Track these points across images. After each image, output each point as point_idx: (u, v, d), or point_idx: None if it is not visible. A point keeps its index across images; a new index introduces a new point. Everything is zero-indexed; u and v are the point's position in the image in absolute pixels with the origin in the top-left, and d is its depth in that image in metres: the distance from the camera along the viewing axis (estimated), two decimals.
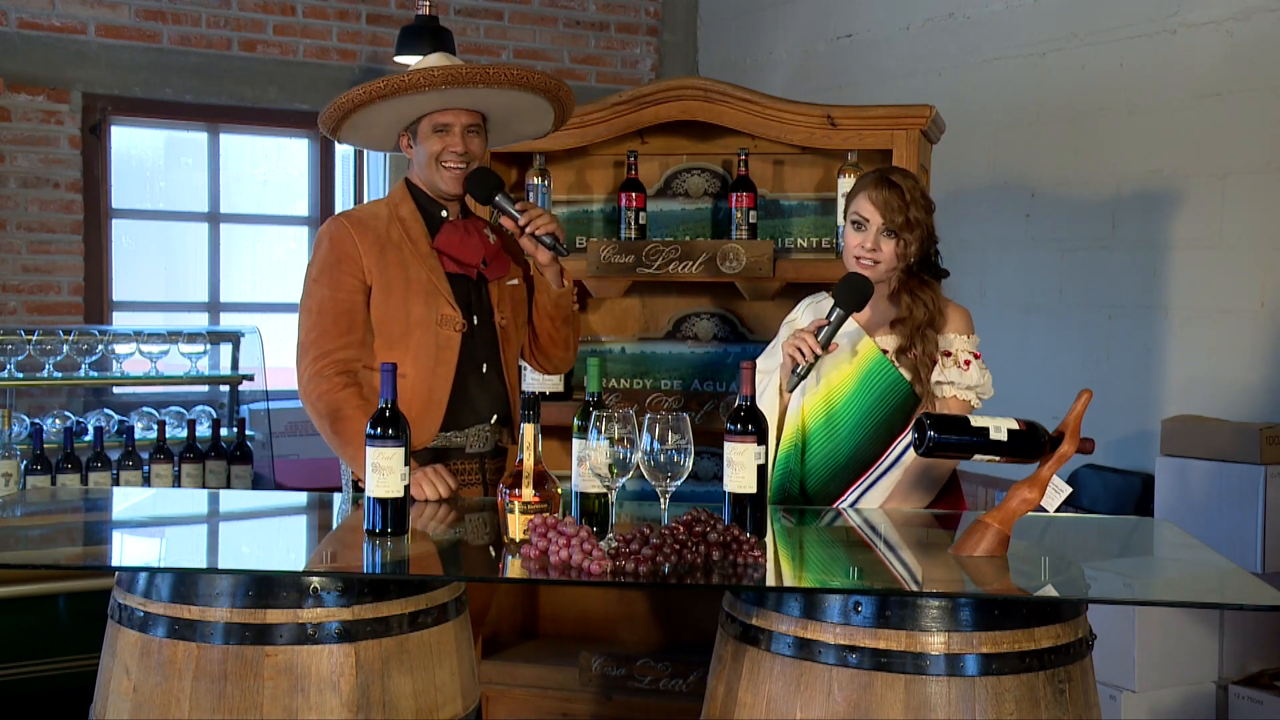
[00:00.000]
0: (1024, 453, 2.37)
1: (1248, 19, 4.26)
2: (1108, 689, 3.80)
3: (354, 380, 2.97)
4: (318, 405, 2.95)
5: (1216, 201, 4.36)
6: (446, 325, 3.01)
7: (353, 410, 2.92)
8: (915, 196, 2.88)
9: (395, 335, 3.00)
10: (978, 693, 2.14)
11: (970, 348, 2.92)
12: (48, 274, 5.61)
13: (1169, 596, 2.53)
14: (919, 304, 2.90)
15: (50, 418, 4.59)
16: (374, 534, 2.47)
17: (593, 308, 4.04)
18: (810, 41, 6.13)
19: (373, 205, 3.15)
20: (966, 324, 2.95)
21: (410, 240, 3.03)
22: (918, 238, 2.88)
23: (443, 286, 3.03)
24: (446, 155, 3.01)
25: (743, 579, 2.24)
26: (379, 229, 3.03)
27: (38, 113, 5.56)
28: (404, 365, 2.96)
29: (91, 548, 2.73)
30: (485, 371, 3.09)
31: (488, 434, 3.12)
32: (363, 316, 3.00)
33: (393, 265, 3.00)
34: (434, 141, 3.01)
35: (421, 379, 2.99)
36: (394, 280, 3.00)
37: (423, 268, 3.02)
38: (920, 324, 2.89)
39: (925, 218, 2.90)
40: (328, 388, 2.94)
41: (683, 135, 3.90)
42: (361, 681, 2.30)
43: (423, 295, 3.00)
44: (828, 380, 2.94)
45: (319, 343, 2.97)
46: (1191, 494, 4.02)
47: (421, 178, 3.09)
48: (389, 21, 6.20)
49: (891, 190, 2.87)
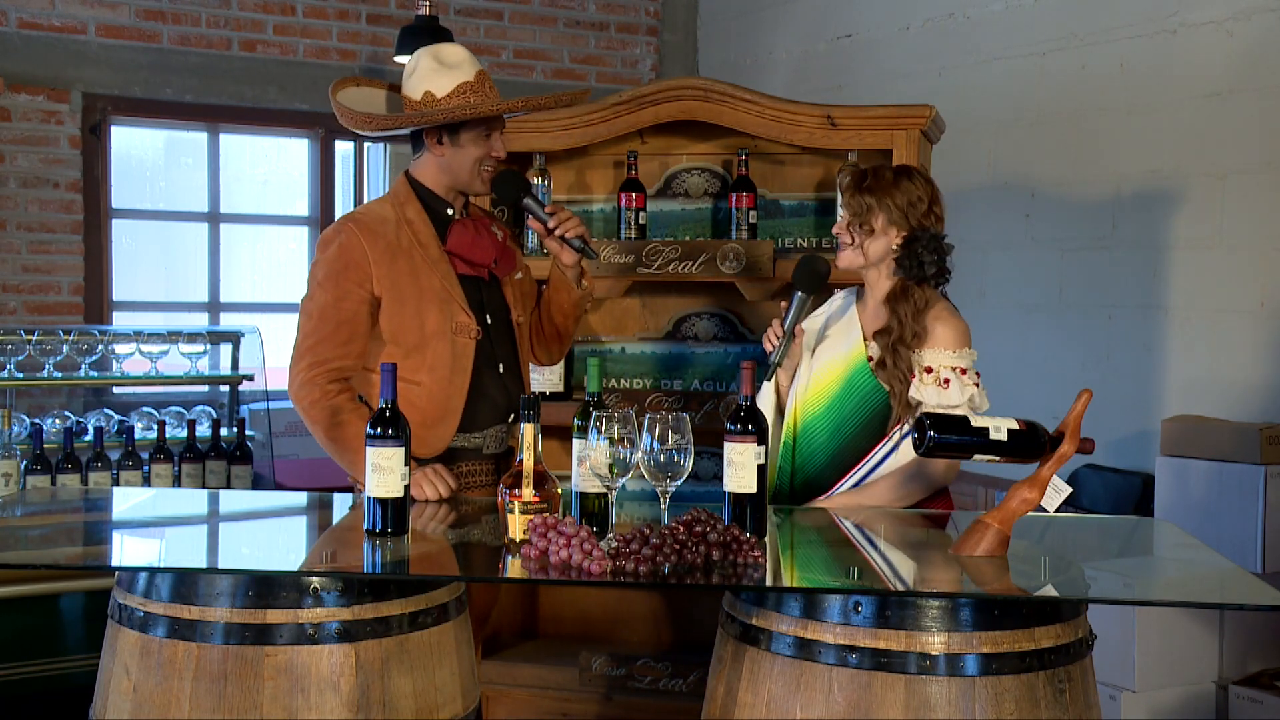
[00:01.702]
0: (1024, 453, 2.37)
1: (1248, 19, 4.26)
2: (1108, 689, 3.80)
3: (347, 386, 2.94)
4: (311, 412, 2.93)
5: (1216, 201, 4.36)
6: (462, 333, 2.99)
7: (349, 415, 2.90)
8: (885, 177, 2.86)
9: (410, 345, 2.96)
10: (978, 693, 2.14)
11: (956, 363, 2.82)
12: (48, 274, 5.61)
13: (1169, 596, 2.53)
14: (894, 317, 2.86)
15: (50, 418, 4.59)
16: (374, 534, 2.47)
17: (593, 308, 4.04)
18: (810, 41, 6.13)
19: (377, 207, 3.08)
20: (956, 339, 2.85)
21: (420, 245, 3.00)
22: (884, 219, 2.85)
23: (456, 293, 3.00)
24: (490, 161, 3.04)
25: (743, 579, 2.24)
26: (389, 235, 2.98)
27: (38, 113, 5.56)
28: (420, 374, 2.95)
29: (91, 548, 2.73)
30: (502, 371, 3.09)
31: (503, 434, 3.12)
32: (365, 327, 2.95)
33: (404, 274, 2.97)
34: (481, 146, 3.01)
35: (439, 388, 2.97)
36: (406, 290, 2.96)
37: (434, 274, 2.99)
38: (893, 339, 2.84)
39: (901, 203, 2.85)
40: (320, 395, 2.91)
41: (683, 135, 3.90)
42: (361, 681, 2.30)
43: (437, 304, 2.98)
44: (817, 378, 2.95)
45: (315, 349, 2.93)
46: (1191, 494, 4.02)
47: (442, 176, 3.06)
48: (389, 21, 6.20)
49: (862, 177, 2.87)
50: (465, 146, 3.01)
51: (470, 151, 3.02)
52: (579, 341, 4.00)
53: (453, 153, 3.03)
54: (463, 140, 3.01)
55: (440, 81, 2.97)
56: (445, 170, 3.05)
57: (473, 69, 2.99)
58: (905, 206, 2.86)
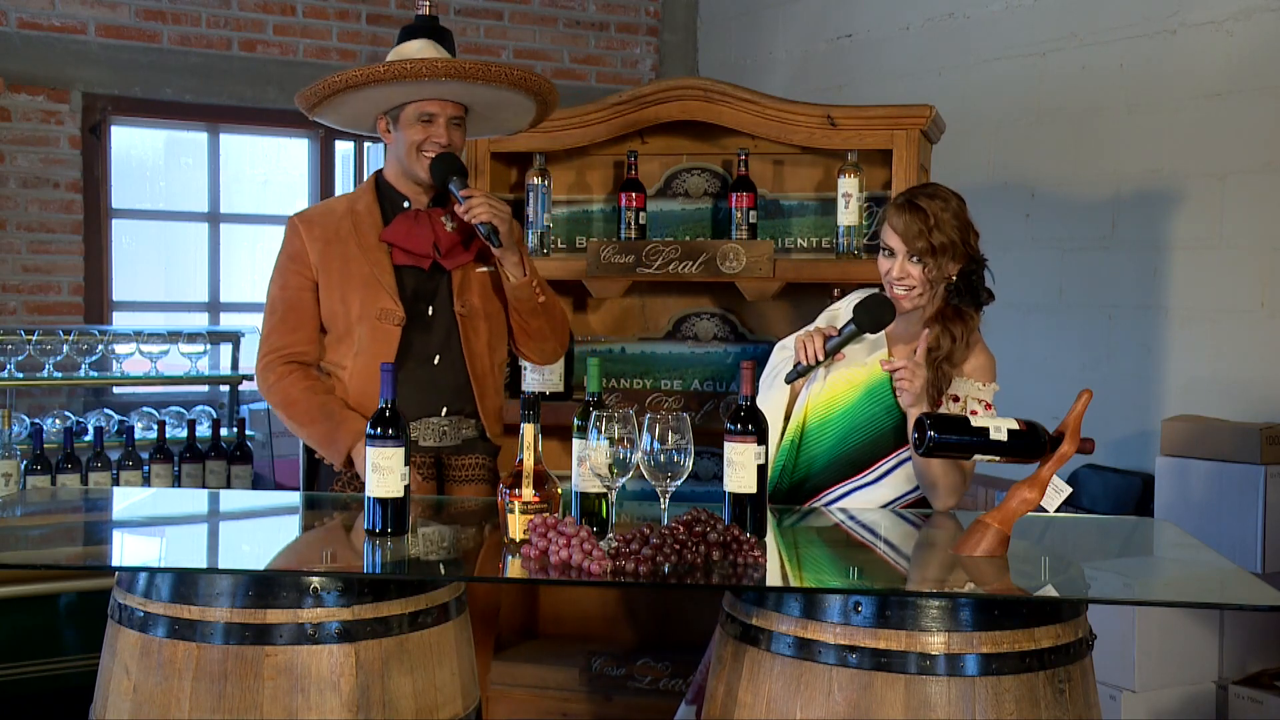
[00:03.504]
0: (1024, 453, 2.37)
1: (1248, 19, 4.26)
2: (1108, 689, 3.80)
3: (300, 367, 3.02)
4: (271, 397, 3.03)
5: (1216, 201, 4.36)
6: (386, 319, 3.01)
7: (299, 393, 2.98)
8: (942, 219, 2.77)
9: (340, 331, 3.03)
10: (978, 693, 2.14)
11: (983, 396, 2.85)
12: (48, 274, 5.61)
13: (1169, 596, 2.53)
14: (946, 335, 2.84)
15: (50, 418, 4.59)
16: (374, 534, 2.47)
17: (593, 308, 4.04)
18: (810, 41, 6.13)
19: (332, 201, 3.20)
20: (986, 371, 2.87)
21: (357, 234, 3.05)
22: (948, 260, 2.79)
23: (385, 279, 3.02)
24: (429, 145, 3.02)
25: (743, 579, 2.24)
26: (328, 225, 3.05)
27: (38, 113, 5.56)
28: (345, 359, 3.01)
29: (91, 548, 2.73)
30: (438, 363, 3.07)
31: (444, 428, 3.08)
32: (311, 312, 3.04)
33: (335, 260, 3.03)
34: (417, 130, 3.02)
35: (361, 373, 3.00)
36: (335, 276, 3.02)
37: (365, 261, 3.03)
38: (941, 357, 2.83)
39: (956, 238, 2.78)
40: (275, 378, 3.01)
41: (683, 135, 3.90)
42: (361, 681, 2.30)
43: (361, 289, 3.01)
44: (834, 382, 2.93)
45: (269, 339, 3.05)
46: (1191, 494, 4.02)
47: (395, 166, 3.10)
48: (389, 21, 6.20)
49: (913, 215, 2.77)
50: (404, 129, 3.03)
51: (408, 135, 3.02)
52: (579, 341, 4.00)
53: (396, 137, 3.06)
54: (402, 123, 3.03)
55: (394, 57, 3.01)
56: (395, 158, 3.09)
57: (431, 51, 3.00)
58: (962, 242, 2.81)
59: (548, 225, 3.88)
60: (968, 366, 2.86)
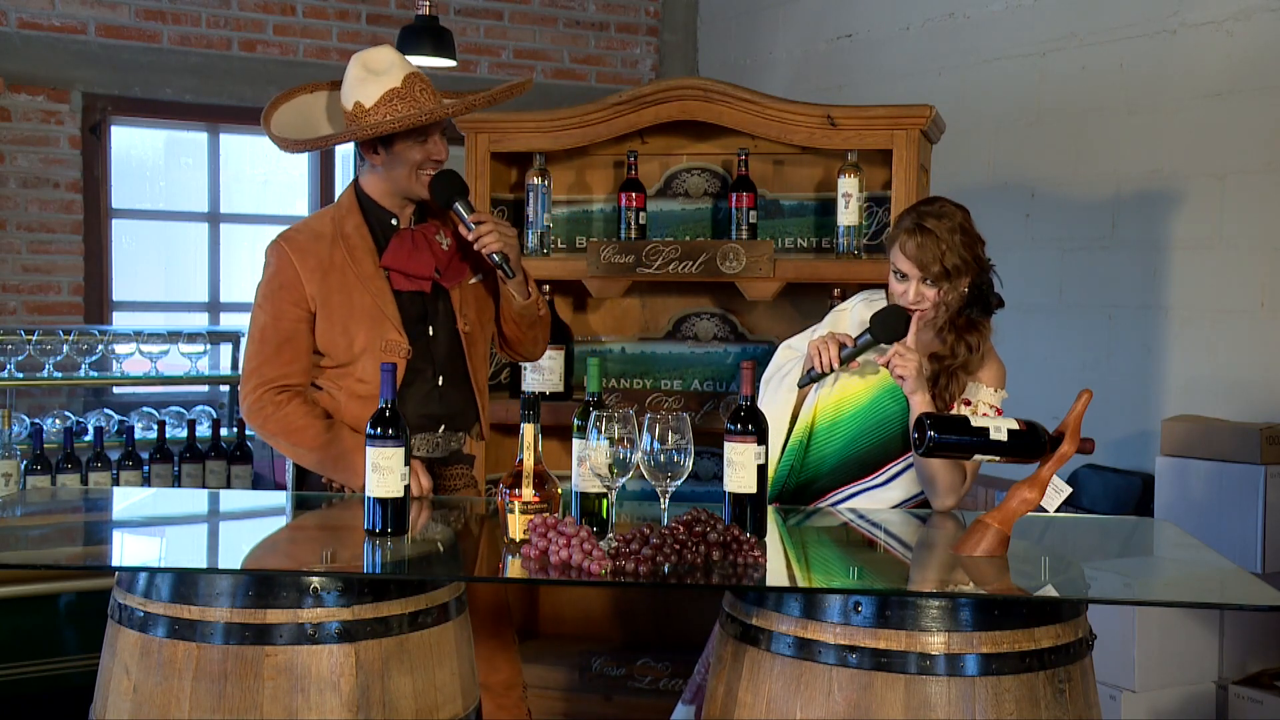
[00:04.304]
0: (1024, 453, 2.37)
1: (1248, 19, 4.26)
2: (1108, 689, 3.80)
3: (296, 394, 2.92)
4: (267, 428, 2.91)
5: (1216, 201, 4.36)
6: (392, 351, 2.92)
7: (303, 420, 2.88)
8: (952, 241, 2.77)
9: (339, 358, 2.93)
10: (978, 693, 2.14)
11: (993, 402, 2.87)
12: (48, 274, 5.61)
13: (1169, 596, 2.53)
14: (962, 345, 2.86)
15: (50, 418, 4.59)
16: (374, 534, 2.47)
17: (593, 308, 4.04)
18: (810, 41, 6.13)
19: (315, 221, 3.02)
20: (998, 378, 2.90)
21: (354, 262, 2.93)
22: (961, 279, 2.80)
23: (389, 310, 2.93)
24: (429, 164, 2.92)
25: (743, 579, 2.24)
26: (321, 253, 2.92)
27: (38, 113, 5.56)
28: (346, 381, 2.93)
29: (91, 548, 2.73)
30: (441, 383, 3.00)
31: (436, 441, 3.02)
32: (305, 343, 2.92)
33: (335, 292, 2.91)
34: (415, 150, 2.90)
35: (362, 404, 2.91)
36: (336, 308, 2.91)
37: (366, 292, 2.92)
38: (956, 365, 2.86)
39: (967, 256, 2.79)
40: (271, 410, 2.89)
41: (683, 135, 3.90)
42: (361, 681, 2.30)
43: (367, 322, 2.92)
44: (845, 384, 2.93)
45: (260, 370, 2.91)
46: (1191, 494, 4.02)
47: (382, 184, 2.97)
48: (389, 21, 6.20)
49: (925, 238, 2.77)
50: (400, 154, 2.90)
51: (406, 158, 2.90)
52: (579, 341, 4.01)
53: (389, 160, 2.92)
54: (397, 148, 2.90)
55: (368, 90, 2.86)
56: (386, 178, 2.95)
57: (401, 74, 2.86)
58: (973, 259, 2.82)
59: (548, 225, 3.88)
60: (984, 374, 2.89)
